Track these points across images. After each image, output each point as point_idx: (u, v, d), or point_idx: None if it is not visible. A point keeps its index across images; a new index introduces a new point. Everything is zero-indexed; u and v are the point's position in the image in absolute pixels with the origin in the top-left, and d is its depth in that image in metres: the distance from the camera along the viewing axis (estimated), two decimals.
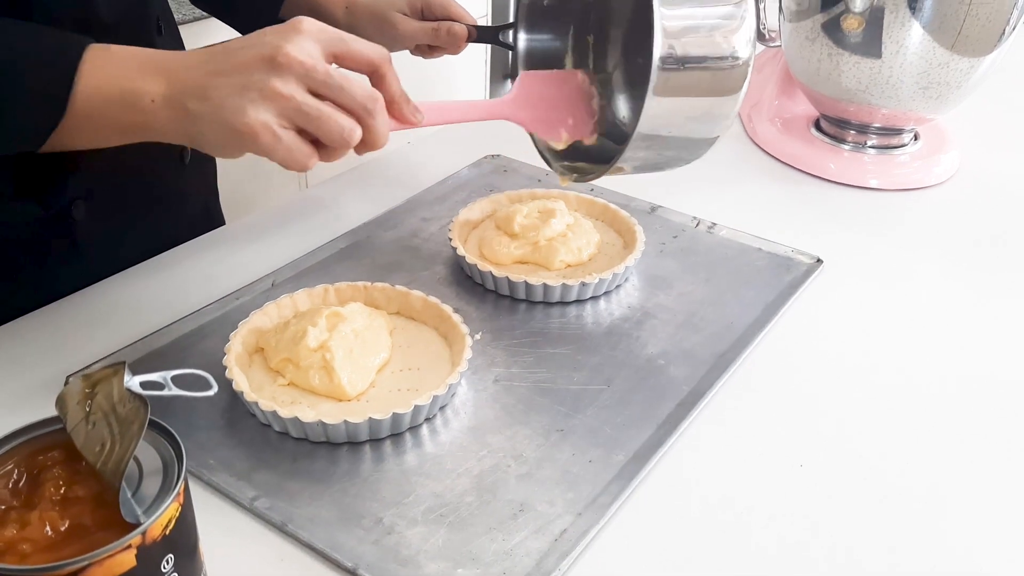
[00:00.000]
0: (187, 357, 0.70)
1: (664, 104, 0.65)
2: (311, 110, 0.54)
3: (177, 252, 0.84)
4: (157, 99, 0.54)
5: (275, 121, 0.54)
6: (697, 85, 0.66)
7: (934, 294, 0.81)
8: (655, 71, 0.63)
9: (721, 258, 0.84)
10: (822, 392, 0.68)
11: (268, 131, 0.53)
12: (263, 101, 0.53)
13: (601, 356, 0.71)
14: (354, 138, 0.56)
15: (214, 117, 0.54)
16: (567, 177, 0.75)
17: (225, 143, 0.55)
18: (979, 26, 0.89)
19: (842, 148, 1.04)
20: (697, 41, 0.65)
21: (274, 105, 0.53)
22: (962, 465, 0.62)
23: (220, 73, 0.54)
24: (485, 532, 0.55)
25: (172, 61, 0.56)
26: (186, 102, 0.54)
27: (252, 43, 0.55)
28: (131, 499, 0.42)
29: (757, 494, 0.59)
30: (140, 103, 0.54)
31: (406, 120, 0.61)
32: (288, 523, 0.55)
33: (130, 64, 0.55)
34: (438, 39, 0.91)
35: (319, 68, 0.54)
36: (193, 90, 0.54)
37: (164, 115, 0.55)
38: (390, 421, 0.61)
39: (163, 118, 0.55)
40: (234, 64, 0.54)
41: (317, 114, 0.54)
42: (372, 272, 0.80)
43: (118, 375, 0.44)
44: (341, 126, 0.55)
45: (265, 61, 0.53)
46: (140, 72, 0.55)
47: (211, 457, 0.60)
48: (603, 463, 0.60)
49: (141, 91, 0.54)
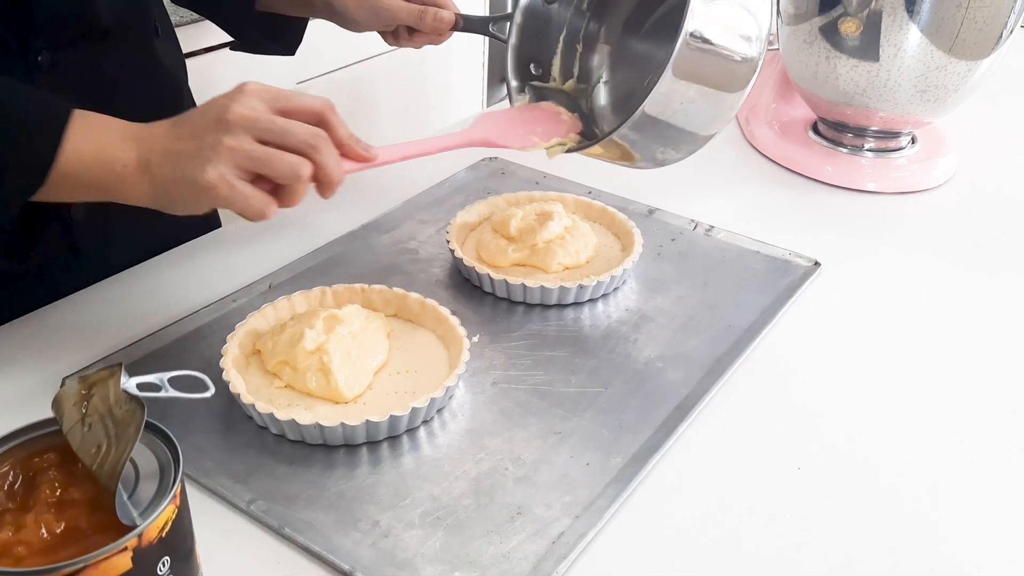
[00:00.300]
0: (184, 359, 0.70)
1: (676, 86, 0.66)
2: (259, 155, 0.58)
3: (174, 254, 0.84)
4: (129, 164, 0.58)
5: (231, 173, 0.58)
6: (711, 71, 0.68)
7: (932, 297, 0.81)
8: (680, 46, 0.64)
9: (719, 261, 0.84)
10: (820, 395, 0.68)
11: (224, 183, 0.57)
12: (218, 158, 0.58)
13: (599, 359, 0.71)
14: (303, 171, 0.59)
15: (178, 178, 0.58)
16: (556, 150, 0.75)
17: (188, 199, 0.59)
18: (976, 29, 0.89)
19: (840, 151, 1.04)
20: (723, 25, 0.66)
21: (227, 159, 0.58)
22: (960, 467, 0.62)
23: (181, 138, 0.59)
24: (482, 535, 0.55)
25: (142, 131, 0.60)
26: (152, 168, 0.58)
27: (206, 109, 0.60)
28: (127, 501, 0.41)
29: (755, 497, 0.59)
30: (114, 167, 0.59)
31: (358, 157, 0.64)
32: (285, 526, 0.55)
33: (112, 132, 0.60)
34: (423, 23, 0.87)
35: (262, 118, 0.58)
36: (159, 156, 0.59)
37: (134, 180, 0.59)
38: (387, 424, 0.61)
39: (133, 182, 0.59)
40: (192, 130, 0.59)
41: (265, 157, 0.58)
42: (369, 274, 0.80)
43: (114, 377, 0.44)
44: (289, 162, 0.59)
45: (217, 122, 0.58)
46: (119, 140, 0.59)
47: (208, 460, 0.60)
48: (600, 466, 0.60)
49: (115, 158, 0.59)
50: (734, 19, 0.68)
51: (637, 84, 0.75)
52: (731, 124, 1.16)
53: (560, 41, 0.87)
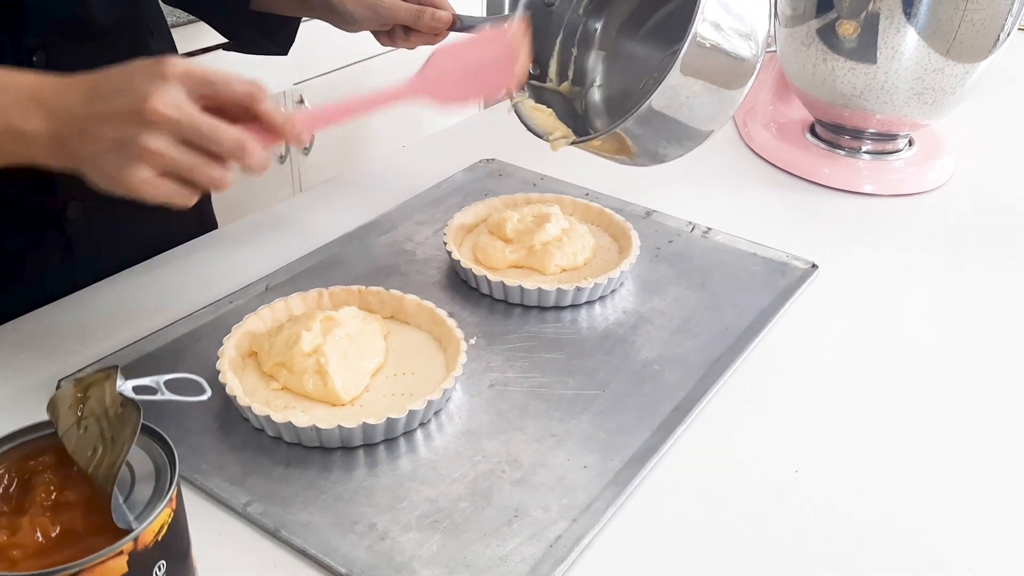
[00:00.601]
0: (180, 361, 0.69)
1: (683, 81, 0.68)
2: (183, 164, 0.56)
3: (171, 255, 0.84)
4: (40, 137, 0.56)
5: (152, 175, 0.55)
6: (716, 68, 0.70)
7: (929, 299, 0.81)
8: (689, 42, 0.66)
9: (716, 263, 0.84)
10: (817, 397, 0.68)
11: (147, 185, 0.55)
12: (138, 160, 0.55)
13: (596, 361, 0.71)
14: (225, 184, 0.57)
15: (95, 167, 0.56)
16: (560, 143, 0.75)
17: (113, 189, 0.57)
18: (974, 32, 0.89)
19: (837, 153, 1.04)
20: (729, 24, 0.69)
21: (149, 162, 0.55)
22: (959, 469, 0.62)
23: (95, 118, 0.55)
24: (480, 538, 0.55)
25: (53, 96, 0.57)
26: (68, 145, 0.56)
27: (123, 87, 0.56)
28: (123, 505, 0.41)
29: (752, 499, 0.59)
30: (23, 139, 0.56)
31: (293, 141, 0.62)
32: (281, 529, 0.55)
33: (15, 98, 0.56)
34: (420, 23, 0.86)
35: (184, 121, 0.55)
36: (72, 133, 0.55)
37: (49, 152, 0.56)
38: (384, 426, 0.61)
39: (48, 155, 0.56)
40: (107, 111, 0.55)
41: (189, 167, 0.56)
42: (366, 276, 0.80)
43: (110, 379, 0.43)
44: (211, 176, 0.57)
45: (134, 115, 0.54)
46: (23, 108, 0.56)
47: (204, 462, 0.60)
48: (598, 469, 0.60)
49: (22, 129, 0.55)
50: (740, 18, 0.70)
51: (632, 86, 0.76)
52: (729, 125, 1.16)
53: (557, 43, 0.87)
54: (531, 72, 0.87)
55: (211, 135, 0.56)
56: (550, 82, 0.88)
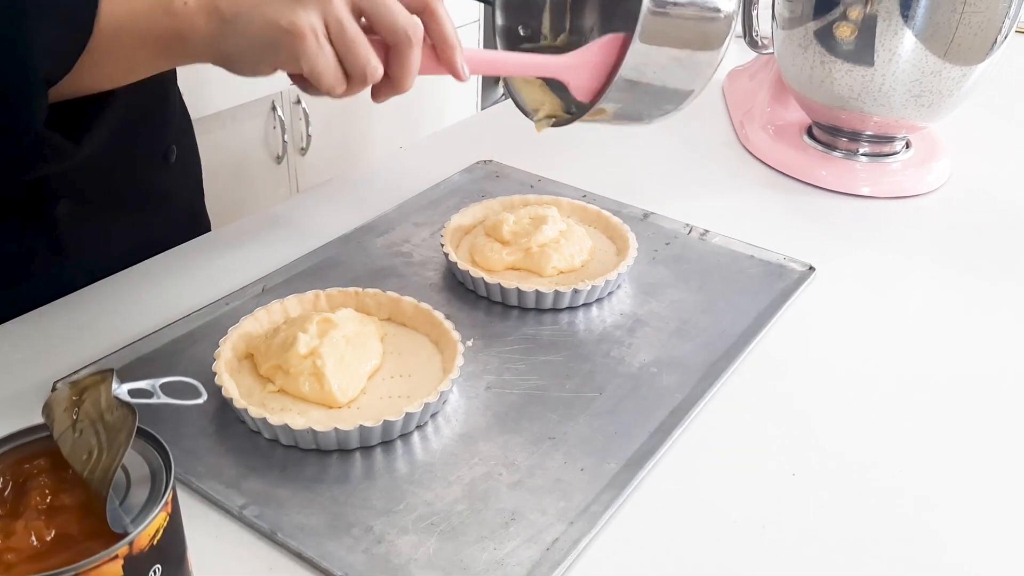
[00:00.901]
0: (176, 362, 0.69)
1: (648, 51, 0.65)
2: (348, 30, 0.52)
3: (167, 256, 0.84)
4: (190, 1, 0.52)
5: (321, 27, 0.51)
6: (681, 32, 0.67)
7: (926, 301, 0.82)
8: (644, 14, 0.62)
9: (714, 265, 0.84)
10: (814, 400, 0.68)
11: (314, 35, 0.51)
12: (310, 4, 0.51)
13: (593, 363, 0.71)
14: (376, 77, 0.54)
15: (255, 15, 0.51)
16: (543, 123, 0.74)
17: (262, 48, 0.52)
18: (971, 35, 0.89)
19: (834, 155, 1.04)
20: None
21: (320, 9, 0.51)
22: (955, 473, 0.62)
23: None
24: (476, 541, 0.55)
25: None
26: (220, 3, 0.52)
27: None
28: (118, 508, 0.41)
29: (749, 503, 0.59)
30: (172, 6, 0.52)
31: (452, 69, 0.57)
32: (277, 531, 0.55)
33: None
34: None
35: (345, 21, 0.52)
36: None
37: (196, 20, 0.52)
38: (381, 429, 0.60)
39: (195, 24, 0.52)
40: None
41: (352, 37, 0.52)
42: (363, 277, 0.80)
43: (106, 382, 0.43)
44: (367, 61, 0.53)
45: None
46: None
47: (199, 464, 0.59)
48: (595, 471, 0.60)
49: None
50: None
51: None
52: (726, 128, 1.16)
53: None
54: (521, 33, 0.85)
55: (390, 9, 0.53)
56: (544, 39, 0.86)
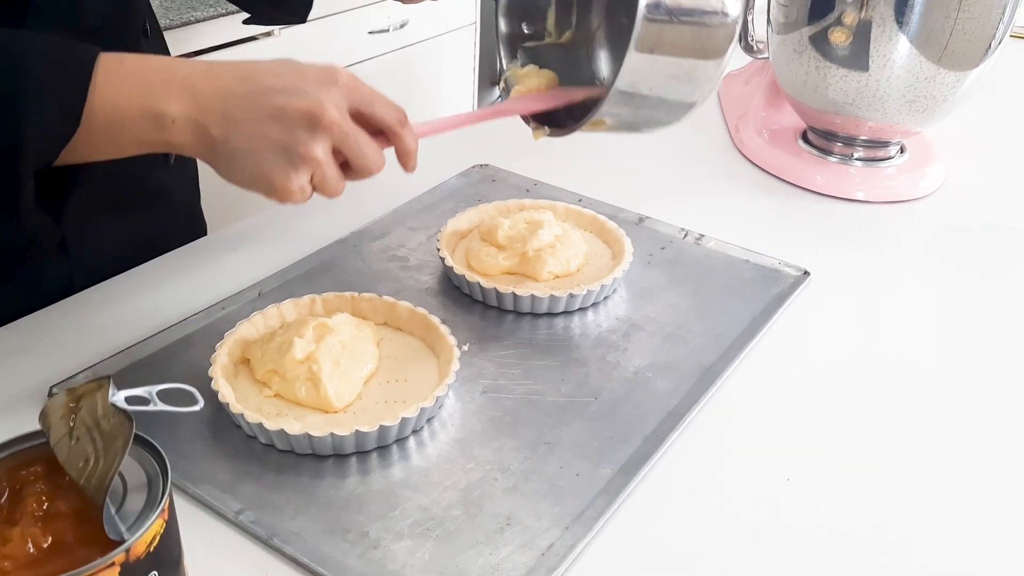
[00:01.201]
0: (172, 367, 0.69)
1: (645, 60, 0.64)
2: (331, 178, 0.57)
3: (162, 261, 0.84)
4: (178, 120, 0.54)
5: (307, 182, 0.56)
6: (680, 42, 0.65)
7: (921, 306, 0.82)
8: (639, 21, 0.61)
9: (709, 270, 0.84)
10: (809, 405, 0.69)
11: (301, 193, 0.56)
12: (304, 166, 0.55)
13: (588, 368, 0.71)
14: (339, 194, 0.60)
15: (247, 162, 0.55)
16: (540, 131, 0.74)
17: (250, 184, 0.56)
18: (965, 40, 0.90)
19: (829, 160, 1.04)
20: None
21: (309, 169, 0.55)
22: (952, 475, 0.62)
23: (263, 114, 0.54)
24: (472, 546, 0.55)
25: (198, 79, 0.55)
26: (210, 128, 0.54)
27: (296, 87, 0.55)
28: (115, 515, 0.41)
29: (744, 507, 0.59)
30: (161, 122, 0.54)
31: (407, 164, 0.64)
32: (273, 537, 0.55)
33: (152, 79, 0.54)
34: None
35: (347, 131, 0.56)
36: (221, 122, 0.54)
37: (186, 136, 0.55)
38: (377, 433, 0.61)
39: (184, 139, 0.55)
40: (279, 109, 0.54)
41: (333, 181, 0.57)
42: (359, 282, 0.80)
43: (102, 389, 0.43)
44: (337, 189, 0.59)
45: (308, 119, 0.54)
46: (163, 89, 0.54)
47: (195, 469, 0.60)
48: (590, 476, 0.60)
49: (162, 111, 0.54)
50: None
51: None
52: (721, 132, 1.16)
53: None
54: (524, 31, 0.84)
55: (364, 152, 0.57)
56: (549, 36, 0.85)
